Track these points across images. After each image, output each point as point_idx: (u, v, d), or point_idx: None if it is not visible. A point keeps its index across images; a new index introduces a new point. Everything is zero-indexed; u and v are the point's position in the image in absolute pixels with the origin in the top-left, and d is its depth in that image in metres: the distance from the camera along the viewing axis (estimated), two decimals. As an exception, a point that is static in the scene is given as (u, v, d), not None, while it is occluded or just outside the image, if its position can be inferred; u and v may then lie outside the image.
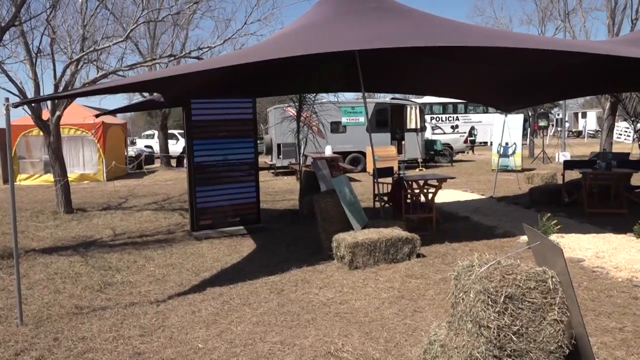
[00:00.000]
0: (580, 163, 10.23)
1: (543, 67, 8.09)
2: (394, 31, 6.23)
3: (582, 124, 40.88)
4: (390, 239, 5.85)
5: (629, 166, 9.59)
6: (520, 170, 15.89)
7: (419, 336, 3.78)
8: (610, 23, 17.21)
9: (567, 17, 20.06)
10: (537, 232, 2.82)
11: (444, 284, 4.99)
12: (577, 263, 5.73)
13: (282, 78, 8.19)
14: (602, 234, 7.02)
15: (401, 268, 5.66)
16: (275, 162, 17.73)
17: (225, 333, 4.06)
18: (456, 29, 6.61)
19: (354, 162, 18.05)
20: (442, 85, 10.43)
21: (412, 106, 18.80)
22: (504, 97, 10.41)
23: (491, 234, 7.29)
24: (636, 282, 4.96)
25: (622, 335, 3.78)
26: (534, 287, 2.42)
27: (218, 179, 7.74)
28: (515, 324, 2.39)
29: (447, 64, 8.19)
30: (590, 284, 5.01)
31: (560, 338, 2.39)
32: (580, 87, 10.68)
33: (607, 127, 17.81)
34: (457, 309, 2.72)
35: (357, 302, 4.69)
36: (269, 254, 6.54)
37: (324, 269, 5.78)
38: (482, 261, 2.66)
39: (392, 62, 8.44)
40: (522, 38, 6.74)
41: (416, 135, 18.64)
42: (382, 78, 9.64)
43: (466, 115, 32.47)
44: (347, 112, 18.12)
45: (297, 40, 6.32)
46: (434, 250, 6.41)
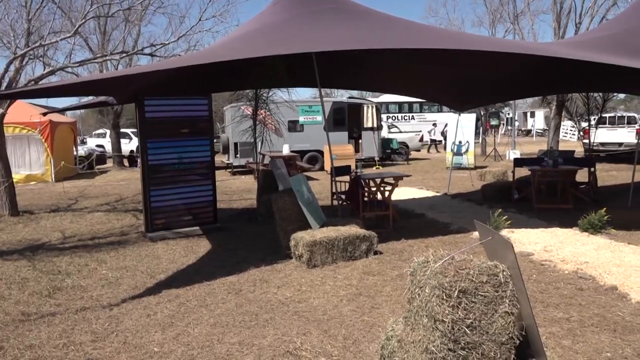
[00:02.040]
0: (529, 161, 10.62)
1: (494, 68, 8.35)
2: (352, 32, 6.28)
3: (530, 123, 42.46)
4: (348, 237, 5.89)
5: (574, 163, 10.04)
6: (473, 167, 16.34)
7: (377, 332, 3.83)
8: (556, 26, 17.94)
9: (516, 20, 20.78)
10: (489, 227, 2.91)
11: (401, 280, 5.08)
12: (527, 257, 5.95)
13: (238, 75, 8.12)
14: (549, 229, 7.31)
15: (359, 265, 5.71)
16: (233, 162, 17.54)
17: (182, 336, 3.98)
18: (413, 30, 6.73)
19: (311, 160, 18.08)
20: (398, 85, 10.60)
21: (369, 105, 19.01)
22: (458, 96, 10.68)
23: (446, 230, 7.47)
24: (581, 274, 5.19)
25: (569, 325, 3.96)
26: (486, 281, 2.49)
27: (173, 179, 7.58)
28: (469, 317, 2.46)
29: (404, 63, 8.33)
30: (539, 276, 5.21)
31: (511, 329, 2.47)
32: (528, 88, 11.08)
33: (554, 126, 18.56)
34: (413, 304, 2.77)
35: (316, 300, 4.70)
36: (227, 254, 6.47)
37: (282, 268, 5.76)
38: (436, 257, 2.72)
39: (349, 60, 8.50)
40: (475, 40, 6.94)
41: (373, 134, 18.85)
42: (340, 76, 9.70)
43: (422, 114, 33.08)
44: (304, 111, 18.13)
45: (255, 41, 6.27)
46: (391, 247, 6.51)
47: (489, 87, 10.14)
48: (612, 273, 5.20)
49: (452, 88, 10.05)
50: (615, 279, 5.00)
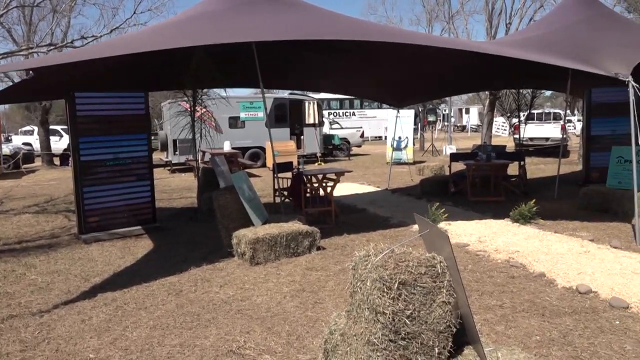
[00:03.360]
0: (464, 155, 11.04)
1: (431, 66, 8.60)
2: (292, 25, 6.26)
3: (465, 119, 44.16)
4: (290, 233, 5.89)
5: (506, 157, 10.55)
6: (412, 162, 16.78)
7: (320, 327, 3.86)
8: (488, 26, 18.75)
9: (451, 19, 21.51)
10: (427, 220, 3.00)
11: (343, 275, 5.14)
12: (463, 248, 6.19)
13: (175, 71, 7.88)
14: (483, 220, 7.64)
15: (302, 261, 5.73)
16: (172, 159, 17.07)
17: (119, 340, 3.84)
18: (354, 25, 6.79)
19: (253, 157, 17.92)
20: (338, 84, 10.69)
21: (310, 101, 19.07)
22: (396, 93, 10.92)
23: (386, 224, 7.63)
24: (513, 263, 5.46)
25: (502, 312, 4.15)
26: (424, 272, 2.56)
27: (108, 178, 7.27)
28: (409, 308, 2.52)
29: (344, 62, 8.41)
30: (474, 266, 5.43)
31: (449, 318, 2.55)
32: (463, 85, 11.52)
33: (487, 122, 19.42)
34: (355, 297, 2.81)
35: (259, 297, 4.67)
36: (166, 254, 6.29)
37: (224, 266, 5.68)
38: (377, 251, 2.77)
39: (289, 58, 8.48)
40: (411, 35, 7.10)
41: (315, 130, 18.94)
42: (280, 76, 9.66)
43: (362, 110, 33.61)
44: (245, 107, 17.93)
45: (191, 30, 6.12)
46: (334, 242, 6.57)
47: (426, 84, 10.45)
48: (541, 261, 5.51)
49: (390, 85, 10.26)
50: (544, 266, 5.30)
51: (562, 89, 10.72)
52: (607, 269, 5.15)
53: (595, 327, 3.79)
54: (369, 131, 32.08)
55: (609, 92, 9.92)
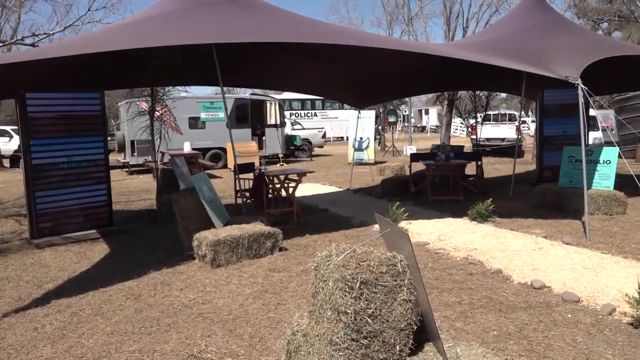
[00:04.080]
0: (424, 156, 11.24)
1: (391, 67, 8.72)
2: (253, 26, 6.22)
3: (425, 120, 45.01)
4: (252, 234, 5.85)
5: (464, 157, 10.81)
6: (374, 163, 16.96)
7: (283, 328, 3.84)
8: (446, 29, 19.18)
9: (410, 22, 21.87)
10: (388, 220, 3.03)
11: (306, 275, 5.14)
12: (423, 246, 6.30)
13: (132, 69, 7.70)
14: (443, 219, 7.80)
15: (264, 263, 5.69)
16: (129, 160, 16.65)
17: (74, 348, 3.71)
18: (315, 26, 6.81)
19: (214, 158, 17.70)
20: (300, 83, 10.70)
21: (271, 102, 18.99)
22: (357, 94, 11.02)
23: (348, 224, 7.68)
24: (471, 260, 5.60)
25: (461, 308, 4.25)
26: (385, 271, 2.59)
27: (62, 180, 7.02)
28: (370, 307, 2.54)
29: (305, 61, 8.42)
30: (434, 264, 5.54)
31: (409, 316, 2.59)
32: (422, 86, 11.73)
33: (446, 122, 19.86)
34: (318, 298, 2.81)
35: (221, 300, 4.61)
36: (124, 258, 6.13)
37: (185, 269, 5.58)
38: (339, 251, 2.78)
39: (250, 57, 8.42)
40: (371, 38, 7.18)
41: (276, 130, 18.88)
42: (241, 74, 9.59)
43: (324, 111, 33.73)
44: (206, 107, 17.68)
45: (150, 30, 5.98)
46: (296, 243, 6.56)
47: (386, 85, 10.58)
48: (497, 258, 5.67)
49: (352, 86, 10.34)
50: (500, 263, 5.45)
51: (517, 92, 11.09)
52: (560, 264, 5.35)
53: (549, 321, 3.92)
54: (331, 132, 32.24)
55: (560, 94, 10.31)
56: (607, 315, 4.01)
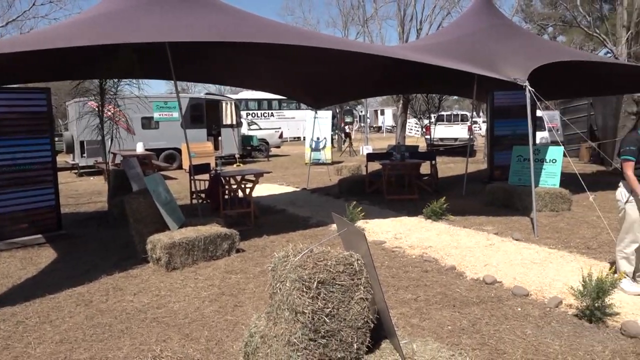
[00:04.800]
0: (380, 155, 11.40)
1: (347, 68, 8.79)
2: (208, 25, 6.13)
3: (381, 120, 45.63)
4: (208, 236, 5.76)
5: (418, 157, 11.04)
6: (331, 163, 17.05)
7: (240, 330, 3.81)
8: (400, 31, 19.50)
9: (365, 23, 22.12)
10: (345, 219, 3.06)
11: (264, 277, 5.11)
12: (380, 245, 6.38)
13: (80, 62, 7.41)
14: (399, 218, 7.93)
15: (221, 265, 5.62)
16: (79, 162, 16.06)
17: (21, 358, 3.54)
18: (269, 27, 6.78)
19: (168, 159, 17.32)
20: (258, 81, 10.62)
21: (227, 102, 18.77)
22: (314, 94, 11.05)
23: (306, 224, 7.68)
24: (426, 258, 5.72)
25: (417, 305, 4.33)
26: (342, 270, 2.60)
27: (5, 183, 6.68)
28: (328, 307, 2.55)
29: (262, 60, 8.36)
30: (391, 262, 5.62)
31: (366, 314, 2.62)
32: (378, 87, 11.88)
33: (401, 123, 20.19)
34: (275, 298, 2.80)
35: (176, 304, 4.52)
36: (74, 263, 5.91)
37: (138, 273, 5.43)
38: (296, 251, 2.78)
39: (206, 54, 8.29)
40: (326, 39, 7.22)
41: (232, 131, 18.67)
42: (196, 69, 9.42)
43: (281, 111, 33.62)
44: (159, 107, 17.27)
45: (103, 26, 5.79)
46: (253, 244, 6.51)
47: (343, 85, 10.66)
48: (451, 255, 5.81)
49: (308, 86, 10.37)
50: (454, 260, 5.60)
51: (468, 93, 11.40)
52: (510, 260, 5.55)
53: (500, 315, 4.06)
54: (288, 132, 32.17)
55: (509, 95, 10.68)
56: (554, 307, 4.18)
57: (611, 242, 5.02)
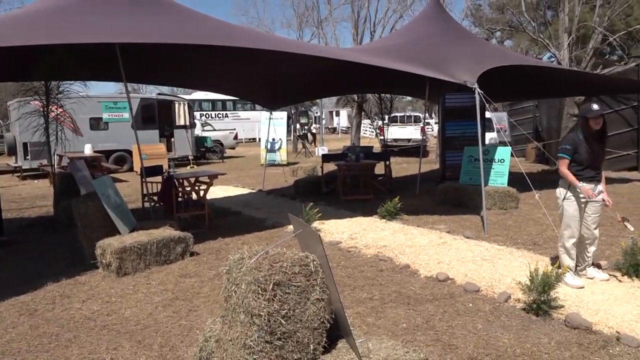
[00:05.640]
0: (335, 156, 11.47)
1: (302, 69, 8.79)
2: (158, 26, 5.99)
3: (336, 121, 45.92)
4: (161, 240, 5.62)
5: (373, 158, 11.17)
6: (286, 164, 17.01)
7: (195, 335, 3.73)
8: (354, 33, 19.71)
9: (320, 25, 22.22)
10: (300, 220, 3.05)
11: (219, 280, 5.03)
12: (336, 245, 6.41)
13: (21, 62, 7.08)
14: (354, 218, 8.00)
15: (175, 269, 5.50)
16: (21, 164, 15.33)
17: (-42, 373, 3.34)
18: (222, 29, 6.69)
19: (119, 161, 16.80)
20: (212, 82, 10.44)
21: (180, 102, 18.40)
22: (269, 95, 10.99)
23: (262, 226, 7.63)
24: (381, 257, 5.79)
25: (372, 304, 4.38)
26: (298, 271, 2.60)
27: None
28: (284, 308, 2.54)
29: (216, 60, 8.24)
30: (347, 262, 5.66)
31: (322, 314, 2.63)
32: (332, 88, 11.96)
33: (356, 124, 20.40)
34: (230, 302, 2.76)
35: (128, 310, 4.38)
36: (17, 271, 5.63)
37: (87, 280, 5.24)
38: (251, 253, 2.76)
39: (158, 54, 8.09)
40: (279, 41, 7.20)
41: (186, 132, 18.32)
42: (148, 70, 9.18)
43: (235, 112, 33.27)
44: (108, 107, 16.72)
45: (47, 24, 5.55)
46: (208, 247, 6.41)
47: (298, 86, 10.66)
48: (406, 253, 5.92)
49: (263, 87, 10.30)
50: (408, 259, 5.70)
51: (421, 95, 11.65)
52: (462, 257, 5.70)
53: (452, 311, 4.16)
54: (243, 133, 31.84)
55: (459, 97, 10.98)
56: (503, 302, 4.33)
57: (555, 238, 5.25)
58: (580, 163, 4.60)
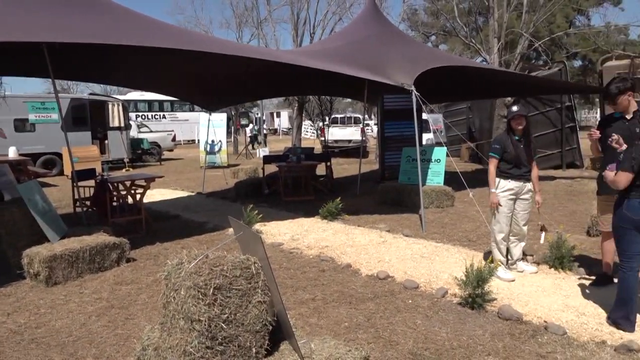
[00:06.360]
0: (276, 157, 11.43)
1: (241, 70, 8.69)
2: (90, 24, 5.72)
3: (277, 123, 45.83)
4: (95, 246, 5.38)
5: (314, 159, 11.23)
6: (227, 166, 16.77)
7: (132, 344, 3.60)
8: (294, 34, 19.73)
9: (259, 26, 22.07)
10: (240, 223, 3.01)
11: (157, 286, 4.88)
12: (278, 247, 6.39)
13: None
14: (296, 219, 8.01)
15: (109, 276, 5.27)
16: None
17: None
18: (158, 29, 6.49)
19: (47, 164, 15.92)
20: (148, 81, 10.12)
21: (114, 103, 17.68)
22: (208, 96, 10.79)
23: (202, 229, 7.47)
24: (323, 257, 5.83)
25: (315, 304, 4.39)
26: (239, 274, 2.57)
27: None
28: (225, 312, 2.50)
29: (152, 60, 7.98)
30: (289, 263, 5.65)
31: (264, 317, 2.61)
32: (273, 89, 11.92)
33: (297, 125, 20.43)
34: (169, 308, 2.69)
35: (58, 321, 4.16)
36: None
37: (12, 291, 4.92)
38: (191, 257, 2.69)
39: (89, 53, 7.73)
40: (216, 43, 7.09)
41: (120, 133, 17.63)
42: (80, 68, 8.75)
43: (173, 113, 32.43)
44: (35, 107, 15.79)
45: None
46: (146, 252, 6.20)
47: (238, 87, 10.53)
48: (347, 253, 5.99)
49: (202, 87, 10.10)
50: (349, 258, 5.77)
51: (360, 97, 11.84)
52: (401, 255, 5.84)
53: (393, 308, 4.25)
54: (181, 135, 31.10)
55: (397, 99, 11.25)
56: (441, 297, 4.47)
57: (488, 234, 5.49)
58: (508, 162, 4.87)
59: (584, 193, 9.76)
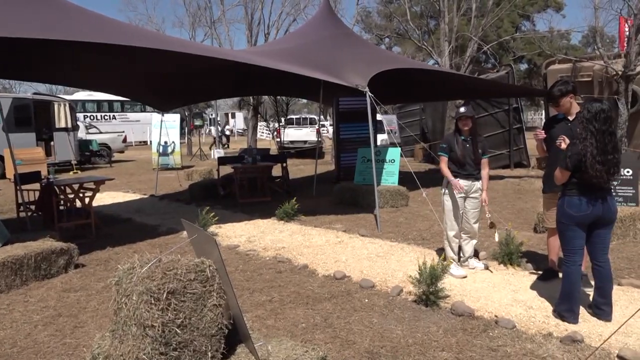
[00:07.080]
0: (231, 159, 11.30)
1: (193, 70, 8.55)
2: (30, 18, 5.47)
3: (232, 123, 45.30)
4: (40, 252, 5.15)
5: (270, 160, 11.17)
6: (180, 167, 16.44)
7: (82, 353, 3.47)
8: (249, 34, 19.59)
9: (213, 25, 21.78)
10: (194, 225, 2.96)
11: (107, 292, 4.72)
12: (234, 249, 6.32)
13: None
14: (252, 221, 7.94)
15: (57, 283, 5.07)
16: None
17: None
18: (106, 25, 6.29)
19: (-12, 168, 15.12)
20: (95, 81, 9.77)
21: (60, 103, 16.99)
22: (160, 96, 10.54)
23: (155, 232, 7.30)
24: (280, 259, 5.81)
25: (272, 306, 4.37)
26: (194, 278, 2.52)
27: None
28: (179, 317, 2.45)
29: (101, 58, 7.72)
30: (245, 266, 5.60)
31: (220, 321, 2.57)
32: (227, 89, 11.78)
33: (252, 126, 20.29)
34: (121, 314, 2.60)
35: (1, 332, 3.95)
36: None
37: (-50, 301, 4.65)
38: (143, 262, 2.62)
39: (32, 51, 7.40)
40: (168, 41, 6.94)
41: (67, 135, 16.96)
42: (22, 66, 8.36)
43: (124, 113, 31.51)
44: (-26, 108, 14.95)
45: None
46: (95, 257, 5.99)
47: (191, 87, 10.35)
48: (304, 254, 5.99)
49: (154, 87, 9.86)
50: (306, 259, 5.77)
51: (315, 98, 11.89)
52: (357, 255, 5.90)
53: (349, 308, 4.29)
54: (133, 136, 30.26)
55: (352, 100, 11.36)
56: (396, 296, 4.55)
57: (441, 233, 5.63)
58: (455, 161, 5.02)
59: (530, 191, 10.17)
